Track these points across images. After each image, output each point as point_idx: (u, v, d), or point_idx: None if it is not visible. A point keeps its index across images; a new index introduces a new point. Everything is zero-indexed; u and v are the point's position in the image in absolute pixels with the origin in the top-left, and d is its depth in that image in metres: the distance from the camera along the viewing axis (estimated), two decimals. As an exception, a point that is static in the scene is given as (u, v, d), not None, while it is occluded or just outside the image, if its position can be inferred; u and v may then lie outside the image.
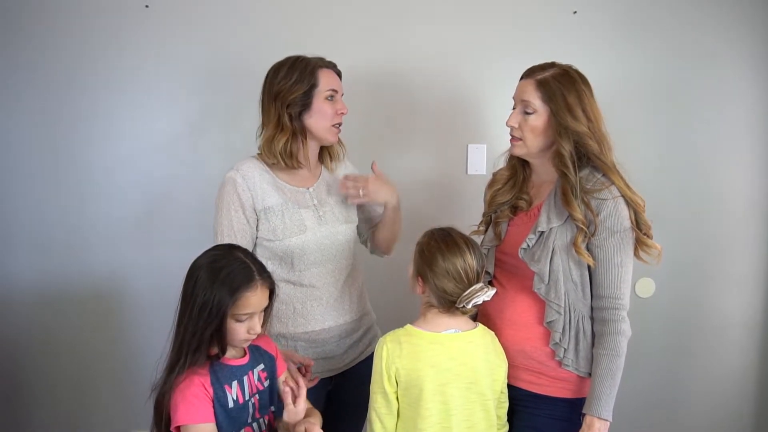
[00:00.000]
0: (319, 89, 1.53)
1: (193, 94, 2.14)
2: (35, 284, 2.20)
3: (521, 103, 1.40)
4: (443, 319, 1.33)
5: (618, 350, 1.34)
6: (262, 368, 1.35)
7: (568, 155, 1.36)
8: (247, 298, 1.22)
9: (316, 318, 1.56)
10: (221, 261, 1.25)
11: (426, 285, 1.33)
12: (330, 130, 1.57)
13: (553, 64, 1.41)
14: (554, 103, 1.36)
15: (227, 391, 1.25)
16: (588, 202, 1.34)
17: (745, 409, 2.34)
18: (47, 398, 2.26)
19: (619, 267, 1.34)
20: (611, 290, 1.35)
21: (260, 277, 1.25)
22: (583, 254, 1.33)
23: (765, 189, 2.22)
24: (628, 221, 1.35)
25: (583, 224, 1.32)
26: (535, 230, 1.39)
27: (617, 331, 1.34)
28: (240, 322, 1.24)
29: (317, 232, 1.55)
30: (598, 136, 1.37)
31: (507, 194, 1.51)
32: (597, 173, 1.37)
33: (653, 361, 2.29)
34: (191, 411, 1.18)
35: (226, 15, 2.11)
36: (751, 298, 2.27)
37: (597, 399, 1.32)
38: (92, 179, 2.16)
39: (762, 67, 2.15)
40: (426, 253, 1.33)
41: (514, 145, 1.45)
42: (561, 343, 1.36)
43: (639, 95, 2.16)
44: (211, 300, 1.19)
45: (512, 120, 1.43)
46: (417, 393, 1.28)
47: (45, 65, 2.10)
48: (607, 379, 1.33)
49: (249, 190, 1.52)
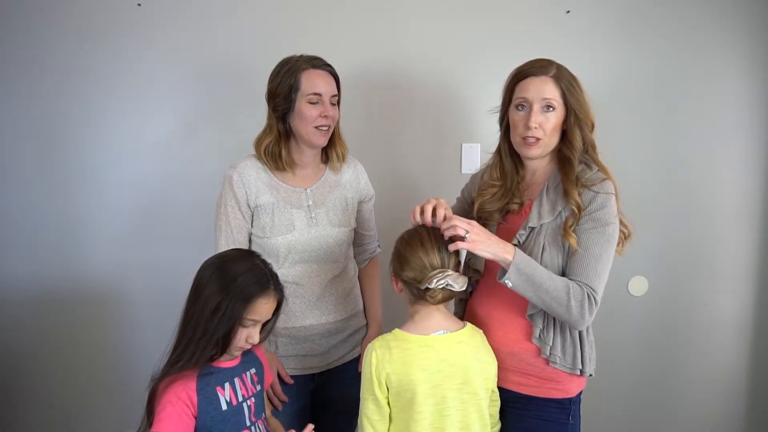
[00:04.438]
0: (301, 92, 1.53)
1: (186, 93, 2.14)
2: (30, 284, 2.19)
3: (541, 101, 1.37)
4: (430, 321, 1.33)
5: (563, 296, 1.27)
6: (254, 371, 1.36)
7: (579, 145, 1.38)
8: (259, 305, 1.23)
9: (297, 315, 1.58)
10: (240, 265, 1.25)
11: (398, 279, 1.35)
12: (314, 133, 1.55)
13: (550, 61, 1.41)
14: (573, 97, 1.37)
15: (219, 393, 1.25)
16: (581, 192, 1.35)
17: (738, 406, 2.35)
18: (42, 398, 2.26)
19: (597, 259, 1.32)
20: (586, 279, 1.31)
21: (275, 287, 1.27)
22: (571, 236, 1.32)
23: (759, 188, 2.22)
24: (616, 218, 1.36)
25: (577, 208, 1.33)
26: (526, 226, 1.38)
27: (578, 298, 1.28)
28: (244, 327, 1.24)
29: (306, 233, 1.57)
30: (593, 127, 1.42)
31: (497, 203, 1.48)
32: (590, 168, 1.39)
33: (647, 359, 2.30)
34: (177, 422, 1.18)
35: (219, 14, 2.10)
36: (744, 296, 2.28)
37: (527, 261, 1.29)
38: (85, 179, 2.16)
39: (756, 65, 2.15)
40: (396, 249, 1.36)
41: (533, 147, 1.40)
42: (545, 339, 1.35)
43: (633, 94, 2.16)
44: (227, 302, 1.20)
45: (535, 120, 1.36)
46: (409, 397, 1.28)
47: (37, 65, 2.10)
48: (545, 276, 1.28)
49: (244, 187, 1.56)
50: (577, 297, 1.29)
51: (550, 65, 1.39)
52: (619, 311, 2.25)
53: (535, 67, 1.39)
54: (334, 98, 1.57)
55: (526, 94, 1.38)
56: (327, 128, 1.57)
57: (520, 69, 1.43)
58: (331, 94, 1.56)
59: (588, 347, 1.40)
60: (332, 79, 1.58)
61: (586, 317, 1.30)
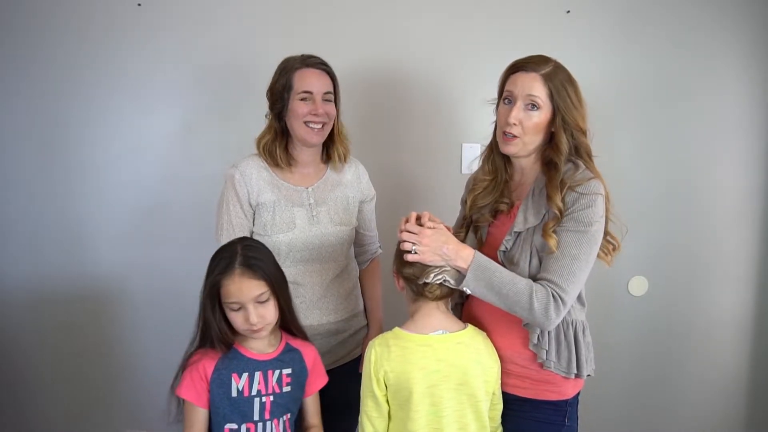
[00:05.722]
0: (294, 90, 1.54)
1: (186, 93, 2.14)
2: (30, 284, 2.20)
3: (526, 98, 1.33)
4: (430, 320, 1.34)
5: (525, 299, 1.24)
6: (290, 373, 1.35)
7: (566, 149, 1.34)
8: (225, 287, 1.26)
9: (299, 315, 1.57)
10: (216, 254, 1.33)
11: (400, 276, 1.36)
12: (305, 131, 1.56)
13: (548, 59, 1.37)
14: (561, 99, 1.32)
15: (234, 379, 1.29)
16: (565, 195, 1.31)
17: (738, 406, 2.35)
18: (42, 398, 2.26)
19: (573, 259, 1.27)
20: (556, 278, 1.26)
21: (241, 266, 1.26)
22: (550, 237, 1.28)
23: (759, 189, 2.22)
24: (602, 219, 1.32)
25: (559, 212, 1.29)
26: (512, 231, 1.36)
27: (542, 299, 1.24)
28: (233, 311, 1.28)
29: (306, 231, 1.57)
30: (587, 133, 1.38)
31: (487, 197, 1.46)
32: (578, 168, 1.34)
33: (647, 358, 2.30)
34: (189, 388, 1.29)
35: (219, 14, 2.10)
36: (743, 296, 2.28)
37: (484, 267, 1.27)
38: (85, 178, 2.16)
39: (756, 65, 2.15)
40: (398, 248, 1.37)
41: (509, 143, 1.37)
42: (541, 344, 1.34)
43: (632, 94, 2.16)
44: (205, 287, 1.29)
45: (515, 115, 1.33)
46: (406, 395, 1.28)
47: (37, 65, 2.10)
48: (506, 280, 1.26)
49: (245, 185, 1.57)
50: (540, 299, 1.25)
51: (545, 63, 1.35)
52: (619, 311, 2.25)
53: (529, 62, 1.36)
54: (327, 95, 1.57)
55: (512, 88, 1.36)
56: (320, 126, 1.57)
57: (515, 62, 1.40)
58: (323, 91, 1.56)
59: (584, 350, 1.38)
60: (326, 76, 1.58)
61: (552, 318, 1.26)
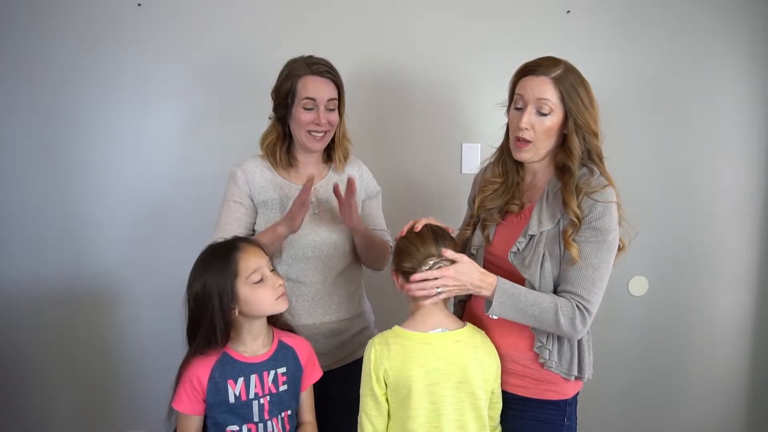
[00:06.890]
0: (298, 97, 1.54)
1: (186, 93, 2.14)
2: (30, 284, 2.20)
3: (536, 102, 1.31)
4: (430, 318, 1.34)
5: (551, 316, 1.26)
6: (284, 371, 1.35)
7: (578, 153, 1.33)
8: (245, 260, 1.27)
9: (300, 313, 1.59)
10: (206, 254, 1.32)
11: (398, 273, 1.36)
12: (307, 138, 1.57)
13: (558, 60, 1.35)
14: (573, 103, 1.31)
15: (230, 386, 1.29)
16: (582, 200, 1.30)
17: (738, 406, 2.35)
18: (42, 398, 2.26)
19: (595, 269, 1.28)
20: (580, 290, 1.28)
21: (241, 241, 1.32)
22: (572, 246, 1.29)
23: (759, 189, 2.22)
24: (617, 228, 1.32)
25: (577, 218, 1.29)
26: (526, 234, 1.35)
27: (568, 315, 1.26)
28: (256, 283, 1.28)
29: (309, 230, 1.58)
30: (598, 135, 1.36)
31: (497, 200, 1.45)
32: (592, 173, 1.34)
33: (647, 358, 2.30)
34: (185, 401, 1.28)
35: (219, 14, 2.10)
36: (744, 296, 2.28)
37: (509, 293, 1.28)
38: (85, 178, 2.16)
39: (756, 65, 2.15)
40: (395, 247, 1.39)
41: (523, 149, 1.35)
42: (545, 345, 1.34)
43: (633, 94, 2.16)
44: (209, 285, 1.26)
45: (526, 120, 1.32)
46: (406, 393, 1.28)
47: (38, 65, 2.10)
48: (531, 300, 1.27)
49: (248, 183, 1.59)
50: (566, 314, 1.27)
51: (555, 65, 1.33)
52: (619, 311, 2.25)
53: (540, 65, 1.33)
54: (331, 103, 1.57)
55: (523, 92, 1.34)
56: (322, 134, 1.58)
57: (526, 65, 1.38)
58: (327, 99, 1.55)
59: (586, 352, 1.38)
60: (331, 84, 1.57)
61: (579, 329, 1.28)
